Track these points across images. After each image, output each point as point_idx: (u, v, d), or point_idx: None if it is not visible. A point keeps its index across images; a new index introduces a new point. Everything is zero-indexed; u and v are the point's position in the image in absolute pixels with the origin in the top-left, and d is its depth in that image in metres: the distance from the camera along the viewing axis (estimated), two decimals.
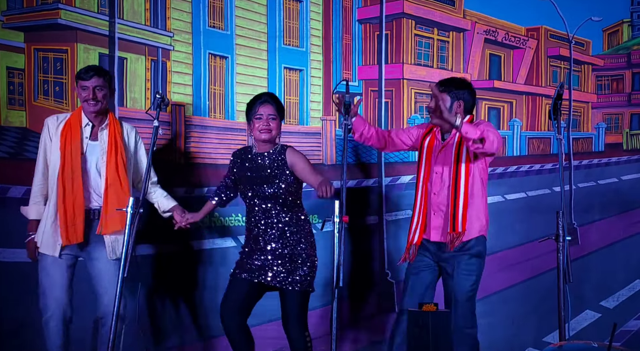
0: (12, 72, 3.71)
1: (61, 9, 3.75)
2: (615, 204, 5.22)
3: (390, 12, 4.71)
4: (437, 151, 3.44)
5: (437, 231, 3.41)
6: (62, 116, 3.40)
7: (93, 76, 3.30)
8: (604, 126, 5.52)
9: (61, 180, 3.25)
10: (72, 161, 3.27)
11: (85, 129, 3.36)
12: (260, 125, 3.34)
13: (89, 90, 3.30)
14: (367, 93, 4.69)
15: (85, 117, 3.37)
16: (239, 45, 4.29)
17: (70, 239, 3.24)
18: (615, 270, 5.05)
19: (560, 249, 3.02)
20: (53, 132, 3.33)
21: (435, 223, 3.42)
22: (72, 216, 3.25)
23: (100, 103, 3.33)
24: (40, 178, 3.36)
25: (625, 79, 5.57)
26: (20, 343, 3.59)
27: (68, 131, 3.31)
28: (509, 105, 5.24)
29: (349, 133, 3.12)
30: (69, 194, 3.25)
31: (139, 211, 2.99)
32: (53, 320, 3.25)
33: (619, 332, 4.70)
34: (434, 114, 3.16)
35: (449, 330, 2.96)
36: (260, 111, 3.35)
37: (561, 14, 5.20)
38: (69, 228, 3.24)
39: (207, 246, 4.12)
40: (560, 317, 3.01)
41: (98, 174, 3.34)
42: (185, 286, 4.05)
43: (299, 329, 3.37)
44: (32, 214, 3.37)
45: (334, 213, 2.86)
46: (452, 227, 3.31)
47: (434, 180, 3.42)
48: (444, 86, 3.39)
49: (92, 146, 3.36)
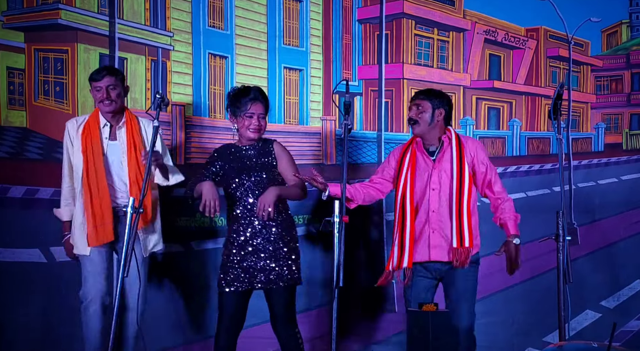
0: (13, 72, 3.71)
1: (61, 9, 3.75)
2: (615, 204, 5.22)
3: (390, 12, 4.72)
4: (428, 168, 3.39)
5: (438, 249, 3.33)
6: (80, 118, 3.46)
7: (105, 75, 3.34)
8: (604, 126, 5.53)
9: (86, 182, 3.31)
10: (94, 162, 3.32)
11: (104, 129, 3.40)
12: (251, 124, 3.34)
13: (103, 90, 3.33)
14: (367, 93, 4.70)
15: (103, 118, 3.41)
16: (238, 45, 4.29)
17: (100, 239, 3.30)
18: (615, 270, 5.05)
19: (560, 249, 3.02)
20: (74, 136, 3.39)
21: (434, 241, 3.34)
22: (101, 217, 3.30)
23: (114, 103, 3.36)
24: (68, 181, 3.43)
25: (624, 79, 5.57)
26: (21, 343, 3.59)
27: (88, 133, 3.36)
28: (508, 105, 5.24)
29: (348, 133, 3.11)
30: (95, 195, 3.30)
31: (139, 211, 2.99)
32: (92, 305, 3.30)
33: (619, 332, 4.70)
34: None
35: (449, 330, 2.97)
36: (252, 109, 3.34)
37: (560, 14, 5.20)
38: (98, 228, 3.30)
39: (207, 246, 4.12)
40: (560, 317, 3.01)
41: (122, 172, 3.39)
42: (185, 286, 4.04)
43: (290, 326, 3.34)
44: (66, 216, 3.45)
45: (334, 213, 2.86)
46: (458, 242, 3.27)
47: (430, 198, 3.36)
48: (423, 95, 3.43)
49: (113, 146, 3.40)
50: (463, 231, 3.27)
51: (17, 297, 3.58)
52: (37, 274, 3.59)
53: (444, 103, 3.42)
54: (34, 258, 3.58)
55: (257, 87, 3.46)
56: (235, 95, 3.40)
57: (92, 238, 3.30)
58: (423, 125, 3.38)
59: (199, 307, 4.05)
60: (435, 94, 3.44)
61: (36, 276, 3.59)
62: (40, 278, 3.62)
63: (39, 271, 3.58)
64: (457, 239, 3.27)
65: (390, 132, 4.67)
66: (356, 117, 4.64)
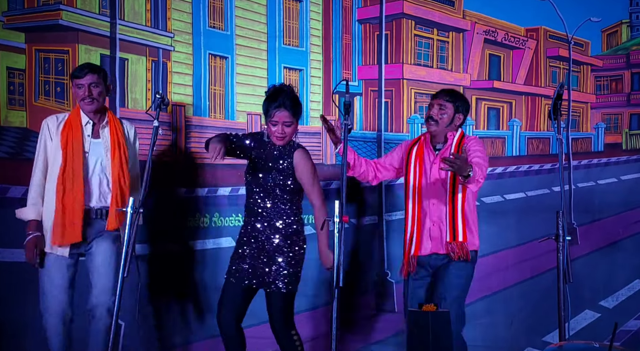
0: (13, 72, 3.71)
1: (62, 10, 3.75)
2: (615, 204, 5.22)
3: (390, 12, 4.72)
4: (430, 162, 3.44)
5: (435, 242, 3.40)
6: (61, 115, 3.38)
7: (87, 73, 3.28)
8: (603, 126, 5.53)
9: (62, 179, 3.23)
10: (73, 160, 3.26)
11: (87, 127, 3.34)
12: (275, 131, 3.34)
13: (85, 88, 3.28)
14: (367, 93, 4.70)
15: (85, 116, 3.35)
16: (239, 45, 4.29)
17: (67, 238, 3.22)
18: (615, 270, 5.05)
19: (560, 249, 3.02)
20: (54, 132, 3.31)
21: (434, 233, 3.41)
22: (71, 216, 3.23)
23: (96, 101, 3.31)
24: (40, 179, 3.31)
25: (624, 79, 5.57)
26: (20, 344, 3.59)
27: (69, 130, 3.29)
28: (508, 105, 5.24)
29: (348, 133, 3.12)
30: (68, 193, 3.23)
31: (139, 210, 2.99)
32: (53, 320, 3.24)
33: (619, 332, 4.70)
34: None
35: (449, 330, 2.97)
36: (276, 117, 3.32)
37: (560, 14, 5.20)
38: (67, 227, 3.22)
39: (207, 246, 4.12)
40: (560, 317, 3.01)
41: (102, 172, 3.34)
42: (185, 286, 4.05)
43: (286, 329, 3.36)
44: (32, 215, 3.31)
45: (334, 213, 2.86)
46: (451, 236, 3.32)
47: (430, 190, 3.41)
48: (449, 97, 3.42)
49: (95, 144, 3.35)
50: (457, 225, 3.31)
51: (17, 297, 3.57)
52: (37, 275, 3.59)
53: (464, 109, 3.44)
54: None
55: (289, 90, 3.38)
56: (266, 98, 3.39)
57: (57, 236, 3.21)
58: (441, 126, 3.42)
59: (199, 307, 4.05)
60: (460, 98, 3.46)
61: (36, 276, 3.58)
62: None
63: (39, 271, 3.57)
64: (451, 234, 3.33)
65: (390, 133, 4.68)
66: (356, 118, 4.64)
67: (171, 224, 3.54)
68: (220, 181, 4.13)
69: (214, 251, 4.09)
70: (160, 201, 3.53)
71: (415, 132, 4.73)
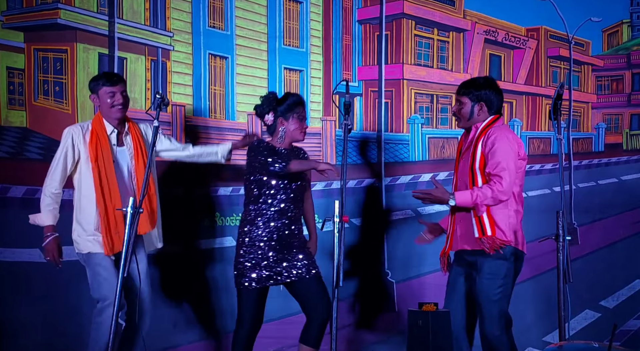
0: (12, 72, 3.71)
1: (61, 9, 3.75)
2: (615, 204, 5.22)
3: (390, 12, 4.72)
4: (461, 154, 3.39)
5: (464, 238, 3.31)
6: (84, 124, 3.38)
7: (119, 81, 3.35)
8: (604, 126, 5.53)
9: (100, 191, 3.26)
10: (106, 171, 3.29)
11: (112, 136, 3.37)
12: (302, 125, 3.45)
13: (118, 95, 3.32)
14: (367, 93, 4.70)
15: (109, 125, 3.36)
16: (239, 45, 4.29)
17: (117, 248, 3.24)
18: (615, 270, 5.05)
19: (560, 249, 3.01)
20: (78, 143, 3.31)
21: (460, 230, 3.33)
22: (115, 226, 3.27)
23: (125, 108, 3.37)
24: (57, 187, 3.29)
25: (625, 79, 5.58)
26: (20, 343, 3.59)
27: (97, 140, 3.31)
28: (509, 105, 5.24)
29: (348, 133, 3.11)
30: (109, 203, 3.27)
31: (139, 210, 2.99)
32: (110, 308, 3.20)
33: (619, 332, 4.70)
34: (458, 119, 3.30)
35: (449, 330, 2.97)
36: (303, 113, 3.46)
37: (561, 14, 5.21)
38: (113, 237, 3.26)
39: (207, 246, 4.12)
40: (560, 317, 3.00)
41: (130, 178, 3.39)
42: (186, 286, 4.04)
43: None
44: (48, 220, 3.29)
45: (334, 213, 2.86)
46: (479, 232, 3.20)
47: (460, 184, 3.34)
48: (464, 89, 3.36)
49: (121, 152, 3.39)
50: (482, 219, 3.21)
51: (17, 297, 3.58)
52: (37, 274, 3.59)
53: (484, 96, 3.30)
54: (34, 258, 3.58)
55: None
56: (282, 99, 3.46)
57: (108, 248, 3.26)
58: (463, 120, 3.36)
59: (200, 307, 4.05)
60: (474, 87, 3.34)
61: (36, 276, 3.59)
62: (40, 278, 3.61)
63: (39, 271, 3.57)
64: (478, 229, 3.21)
65: (390, 133, 4.68)
66: (356, 118, 4.64)
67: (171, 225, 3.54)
68: (220, 181, 4.13)
69: (214, 251, 4.09)
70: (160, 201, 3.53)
71: (415, 132, 4.73)
